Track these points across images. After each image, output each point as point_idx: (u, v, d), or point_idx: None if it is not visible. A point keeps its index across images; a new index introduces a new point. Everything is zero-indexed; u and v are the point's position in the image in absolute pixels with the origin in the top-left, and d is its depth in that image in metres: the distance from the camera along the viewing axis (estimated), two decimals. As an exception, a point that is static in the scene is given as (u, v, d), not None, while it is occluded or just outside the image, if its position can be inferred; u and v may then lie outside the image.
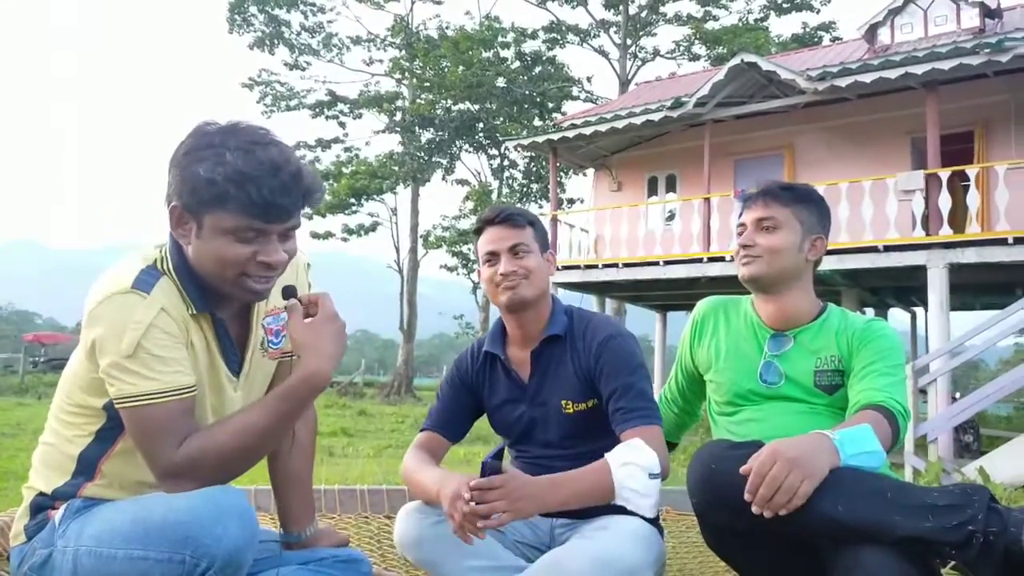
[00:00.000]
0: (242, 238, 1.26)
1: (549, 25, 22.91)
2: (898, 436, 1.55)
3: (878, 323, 1.75)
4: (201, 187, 1.22)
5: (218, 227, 1.25)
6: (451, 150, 23.04)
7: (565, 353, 1.76)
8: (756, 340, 1.80)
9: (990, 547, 1.29)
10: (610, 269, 11.83)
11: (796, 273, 1.77)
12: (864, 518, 1.35)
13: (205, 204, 1.24)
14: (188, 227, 1.28)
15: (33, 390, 16.97)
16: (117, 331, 1.24)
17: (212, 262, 1.28)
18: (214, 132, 1.28)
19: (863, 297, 12.39)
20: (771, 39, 20.41)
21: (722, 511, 1.47)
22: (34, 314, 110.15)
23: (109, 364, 1.24)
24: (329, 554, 1.53)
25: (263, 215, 1.25)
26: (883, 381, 1.62)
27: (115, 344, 1.23)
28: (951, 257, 8.87)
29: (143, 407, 1.24)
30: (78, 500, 1.33)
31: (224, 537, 1.15)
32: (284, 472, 1.62)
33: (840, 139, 11.51)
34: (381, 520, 2.23)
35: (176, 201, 1.26)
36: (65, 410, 1.37)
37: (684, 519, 2.26)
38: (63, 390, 1.38)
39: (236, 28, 22.62)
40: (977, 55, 8.91)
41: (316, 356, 1.31)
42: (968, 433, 9.71)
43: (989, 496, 1.37)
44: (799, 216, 1.76)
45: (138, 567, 1.17)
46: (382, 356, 63.76)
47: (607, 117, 12.39)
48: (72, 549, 1.25)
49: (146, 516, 1.20)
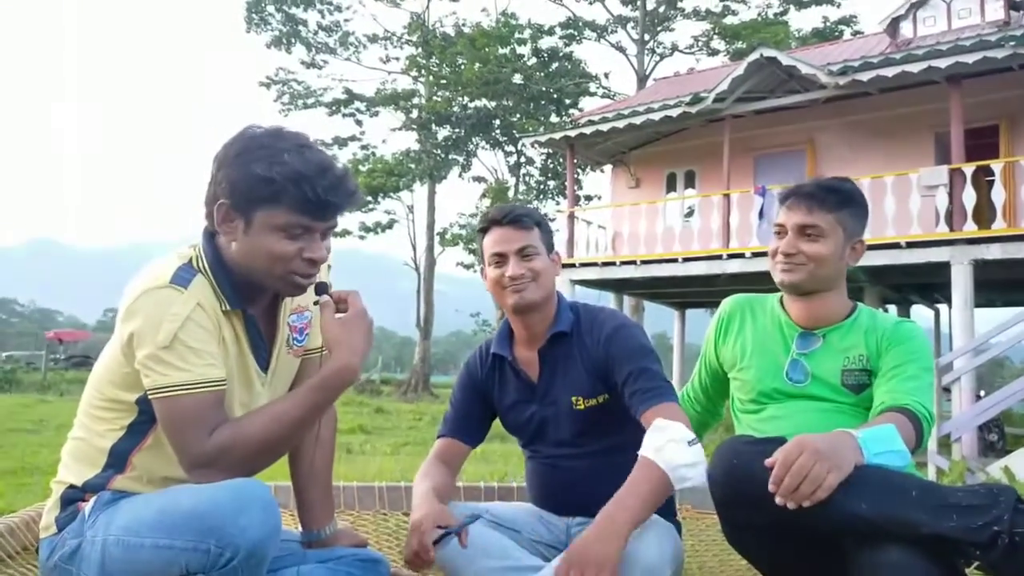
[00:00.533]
0: (291, 235, 1.33)
1: (566, 21, 22.85)
2: (921, 440, 1.54)
3: (908, 324, 1.73)
4: (257, 185, 1.29)
5: (269, 224, 1.32)
6: (468, 147, 23.09)
7: (573, 349, 1.75)
8: (783, 338, 1.78)
9: (1015, 548, 1.28)
10: (628, 266, 11.78)
11: (835, 278, 1.76)
12: (888, 516, 1.34)
13: (259, 201, 1.30)
14: (235, 224, 1.33)
15: (55, 387, 17.23)
16: (155, 323, 1.28)
17: (260, 258, 1.34)
18: (263, 134, 1.34)
19: (885, 294, 12.25)
20: (791, 34, 20.21)
21: (744, 507, 1.46)
22: (56, 312, 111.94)
23: (146, 356, 1.28)
24: (348, 553, 1.55)
25: (313, 212, 1.32)
26: (910, 385, 1.60)
27: (152, 336, 1.27)
28: (975, 253, 8.75)
29: (176, 397, 1.27)
30: (108, 492, 1.36)
31: (249, 528, 1.18)
32: (306, 469, 1.64)
33: (862, 134, 11.38)
34: (399, 517, 2.24)
35: (225, 199, 1.32)
36: (96, 405, 1.40)
37: (704, 517, 2.25)
38: (94, 385, 1.41)
39: (253, 27, 22.80)
40: (1002, 48, 8.77)
41: (348, 351, 1.35)
42: (993, 432, 9.58)
43: (1015, 497, 1.35)
44: (843, 222, 1.73)
45: (164, 556, 1.20)
46: (399, 354, 64.08)
47: (625, 113, 12.33)
48: (101, 539, 1.28)
49: (172, 506, 1.23)
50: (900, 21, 12.11)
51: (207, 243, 1.39)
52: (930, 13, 11.86)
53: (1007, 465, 5.81)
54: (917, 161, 10.33)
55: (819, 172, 11.43)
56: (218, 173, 1.33)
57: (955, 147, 9.17)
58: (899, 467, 1.39)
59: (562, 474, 1.77)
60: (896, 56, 9.94)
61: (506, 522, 1.73)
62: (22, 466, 6.29)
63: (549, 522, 1.78)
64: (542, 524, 1.77)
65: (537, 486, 1.86)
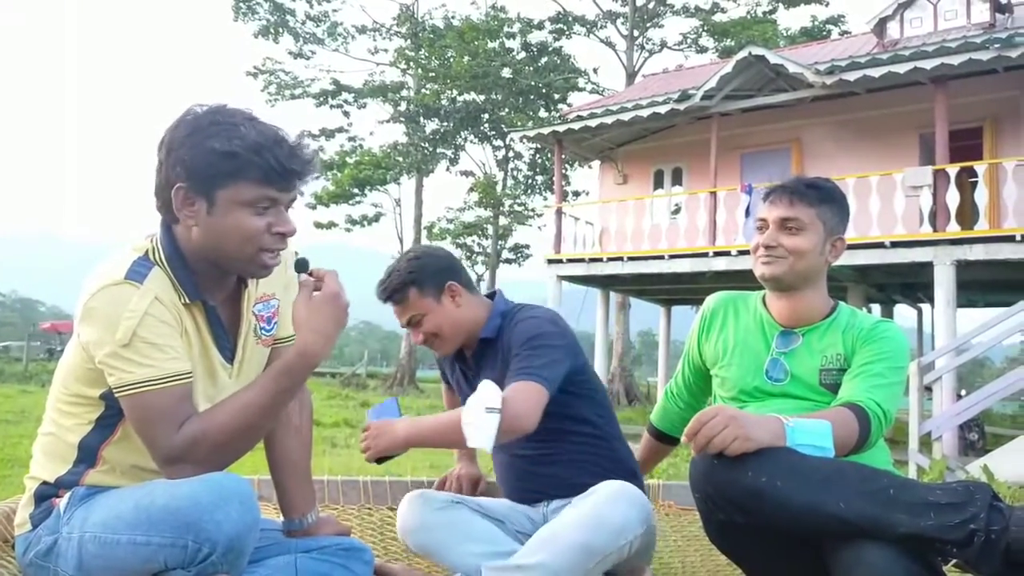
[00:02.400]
0: (258, 209, 1.30)
1: (555, 16, 22.81)
2: (867, 440, 1.53)
3: (885, 324, 1.73)
4: (218, 160, 1.26)
5: (235, 200, 1.28)
6: (456, 141, 23.02)
7: (497, 353, 1.83)
8: (764, 336, 1.78)
9: (992, 545, 1.29)
10: (615, 262, 11.81)
11: (815, 274, 1.76)
12: (866, 515, 1.35)
13: (221, 177, 1.27)
14: (196, 207, 1.30)
15: (37, 378, 17.06)
16: (112, 321, 1.25)
17: (228, 238, 1.30)
18: (209, 112, 1.31)
19: (869, 293, 12.35)
20: (779, 32, 20.29)
21: (724, 505, 1.47)
22: (38, 302, 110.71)
23: (106, 354, 1.26)
24: (331, 542, 1.54)
25: (278, 182, 1.29)
26: (872, 383, 1.60)
27: (111, 334, 1.25)
28: (958, 254, 8.83)
29: (142, 394, 1.25)
30: (82, 488, 1.35)
31: (225, 522, 1.17)
32: (281, 458, 1.63)
33: (848, 134, 11.45)
34: (384, 512, 2.24)
35: (182, 182, 1.28)
36: (64, 400, 1.38)
37: (686, 514, 2.26)
38: (60, 381, 1.39)
39: (241, 16, 22.60)
40: (987, 50, 8.85)
41: (311, 333, 1.32)
42: (973, 431, 9.69)
43: (992, 494, 1.36)
44: (823, 217, 1.74)
45: (141, 552, 1.20)
46: (385, 347, 63.94)
47: (613, 109, 12.35)
48: (77, 536, 1.27)
49: (148, 502, 1.22)
50: (887, 21, 12.18)
51: (164, 234, 1.35)
52: (917, 14, 11.94)
53: (986, 464, 5.88)
54: (902, 161, 10.41)
55: (805, 170, 11.49)
56: (168, 157, 1.29)
57: (939, 148, 9.25)
58: None
59: (521, 463, 1.86)
60: (883, 56, 10.00)
61: (491, 512, 1.79)
62: (2, 457, 6.23)
63: (528, 515, 1.84)
64: (523, 516, 1.84)
65: (504, 481, 1.94)
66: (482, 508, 1.78)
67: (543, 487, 1.83)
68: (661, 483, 2.40)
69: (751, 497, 1.41)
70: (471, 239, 23.92)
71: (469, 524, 1.67)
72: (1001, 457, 6.01)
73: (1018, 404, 14.20)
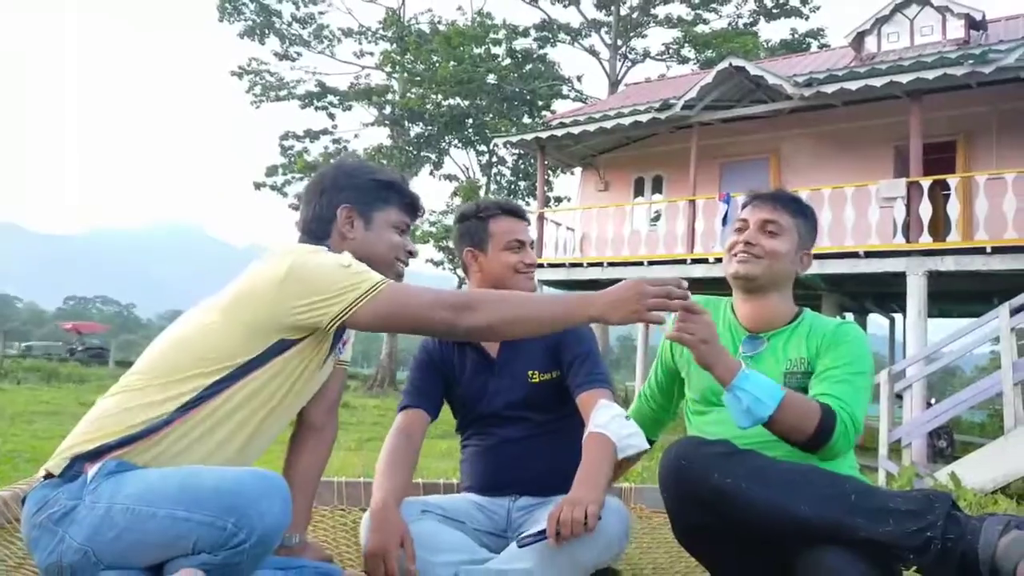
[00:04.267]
0: (399, 230, 1.65)
1: (541, 23, 22.91)
2: (828, 439, 1.54)
3: (847, 327, 1.77)
4: (379, 189, 1.63)
5: (387, 221, 1.63)
6: (440, 145, 23.01)
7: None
8: (733, 341, 1.81)
9: (947, 554, 1.32)
10: (595, 268, 11.88)
11: (785, 280, 1.81)
12: (828, 519, 1.38)
13: (378, 202, 1.62)
14: (356, 224, 1.60)
15: (12, 375, 16.80)
16: (329, 263, 1.41)
17: (380, 249, 1.61)
18: (359, 161, 1.74)
19: (843, 302, 12.51)
20: (760, 44, 20.51)
21: (692, 508, 1.50)
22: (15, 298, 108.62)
23: (333, 280, 1.38)
24: (310, 566, 1.54)
25: (411, 212, 1.68)
26: (839, 388, 1.62)
27: (333, 267, 1.40)
28: (930, 265, 8.99)
29: (391, 285, 1.40)
30: (112, 462, 1.30)
31: (268, 514, 1.20)
32: (298, 471, 1.68)
33: (825, 145, 11.61)
34: (357, 513, 2.24)
35: (348, 203, 1.59)
36: (164, 375, 1.36)
37: (656, 516, 2.30)
38: (167, 357, 1.38)
39: (227, 16, 22.46)
40: (961, 66, 9.03)
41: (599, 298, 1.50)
42: (943, 438, 9.84)
43: (950, 503, 1.40)
44: (798, 227, 1.81)
45: (178, 528, 1.20)
46: (366, 348, 63.48)
47: (596, 117, 12.43)
48: (104, 505, 1.24)
49: (196, 482, 1.24)
50: (865, 36, 12.38)
51: (311, 243, 1.56)
52: (894, 29, 12.14)
53: (954, 471, 5.99)
54: (877, 173, 10.58)
55: (783, 181, 11.64)
56: (332, 188, 1.60)
57: (914, 161, 9.41)
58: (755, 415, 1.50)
59: (509, 448, 1.88)
60: (860, 70, 10.18)
61: (452, 514, 1.79)
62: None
63: (489, 509, 1.86)
64: (482, 513, 1.84)
65: (481, 467, 1.93)
66: (446, 512, 1.78)
67: (527, 479, 1.85)
68: (633, 487, 2.43)
69: (718, 498, 1.44)
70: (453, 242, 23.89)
71: (438, 536, 1.65)
72: (969, 465, 6.12)
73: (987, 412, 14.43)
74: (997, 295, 9.98)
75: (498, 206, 1.98)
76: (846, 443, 1.57)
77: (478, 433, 1.96)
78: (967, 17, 11.47)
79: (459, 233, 1.99)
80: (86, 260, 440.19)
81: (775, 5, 21.31)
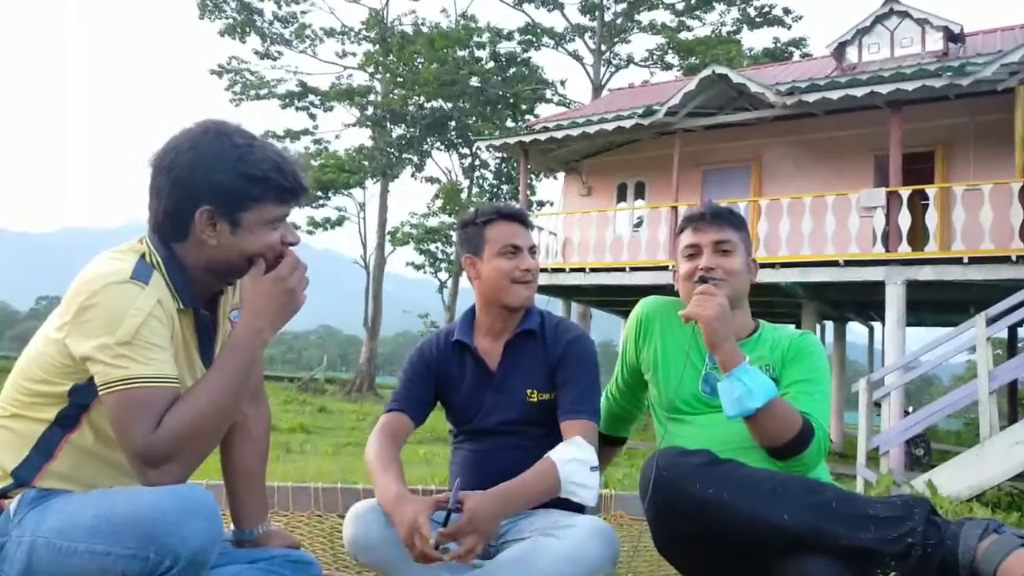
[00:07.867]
0: (275, 225, 1.36)
1: (525, 27, 22.94)
2: (804, 448, 1.56)
3: (807, 338, 1.79)
4: (249, 186, 1.31)
5: (260, 220, 1.34)
6: (422, 147, 22.94)
7: (537, 347, 1.88)
8: (699, 349, 1.79)
9: (928, 559, 1.33)
10: (577, 273, 11.89)
11: (744, 294, 1.81)
12: (809, 526, 1.38)
13: (248, 200, 1.32)
14: (221, 227, 1.32)
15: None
16: (115, 318, 1.23)
17: (247, 254, 1.35)
18: (225, 134, 1.33)
19: (823, 310, 12.62)
20: (743, 52, 20.71)
21: (672, 517, 1.49)
22: None
23: (97, 348, 1.23)
24: (280, 554, 1.51)
25: (294, 200, 1.38)
26: (810, 403, 1.64)
27: (111, 330, 1.23)
28: (909, 274, 9.09)
29: (132, 390, 1.22)
30: (33, 490, 1.29)
31: (191, 537, 1.14)
32: (237, 467, 1.60)
33: (806, 154, 11.72)
34: (335, 519, 2.21)
35: (207, 205, 1.31)
36: (25, 392, 1.34)
37: (637, 524, 2.28)
38: (23, 373, 1.34)
39: (207, 14, 22.26)
40: (940, 78, 9.15)
41: (251, 312, 1.34)
42: (920, 446, 9.95)
43: (929, 509, 1.41)
44: (743, 240, 1.82)
45: (100, 562, 1.15)
46: (345, 352, 63.14)
47: (579, 122, 12.45)
48: (29, 540, 1.21)
49: (110, 511, 1.18)
50: (846, 46, 12.51)
51: (160, 242, 1.35)
52: (875, 40, 12.29)
53: (931, 479, 6.04)
54: (857, 182, 10.69)
55: (764, 189, 11.75)
56: (186, 184, 1.30)
57: (893, 171, 9.52)
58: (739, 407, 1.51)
59: (501, 458, 1.83)
60: (841, 79, 10.27)
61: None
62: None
63: None
64: None
65: (470, 472, 1.89)
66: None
67: None
68: (614, 493, 2.41)
69: (699, 508, 1.43)
70: (434, 245, 23.84)
71: None
72: (945, 473, 6.17)
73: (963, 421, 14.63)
74: (973, 305, 10.12)
75: (496, 211, 1.92)
76: (817, 457, 1.60)
77: (471, 439, 1.93)
78: (946, 30, 11.63)
79: (459, 240, 1.96)
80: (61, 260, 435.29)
81: (758, 14, 21.52)
